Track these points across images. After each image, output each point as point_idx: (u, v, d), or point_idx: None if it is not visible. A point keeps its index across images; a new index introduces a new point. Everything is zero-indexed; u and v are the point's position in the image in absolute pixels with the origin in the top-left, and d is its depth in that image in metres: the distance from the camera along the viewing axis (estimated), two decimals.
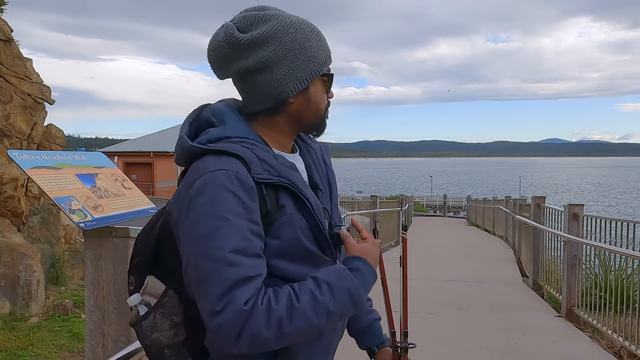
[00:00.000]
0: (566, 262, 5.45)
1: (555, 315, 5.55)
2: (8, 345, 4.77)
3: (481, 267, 8.60)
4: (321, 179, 1.27)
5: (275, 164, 1.11)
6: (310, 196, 1.14)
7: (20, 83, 6.78)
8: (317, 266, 1.13)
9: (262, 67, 1.11)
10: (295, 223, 1.11)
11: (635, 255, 4.33)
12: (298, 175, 1.15)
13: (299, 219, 1.11)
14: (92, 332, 1.74)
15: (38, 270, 5.94)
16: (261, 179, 1.07)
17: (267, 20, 1.13)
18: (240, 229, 1.01)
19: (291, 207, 1.11)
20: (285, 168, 1.12)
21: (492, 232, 15.07)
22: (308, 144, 1.31)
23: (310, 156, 1.28)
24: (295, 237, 1.10)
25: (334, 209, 1.27)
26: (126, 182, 2.02)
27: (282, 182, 1.09)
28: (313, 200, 1.14)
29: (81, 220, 1.61)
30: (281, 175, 1.10)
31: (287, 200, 1.11)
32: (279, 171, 1.10)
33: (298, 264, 1.12)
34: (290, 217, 1.10)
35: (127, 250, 1.72)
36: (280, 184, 1.09)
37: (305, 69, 1.14)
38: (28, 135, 6.86)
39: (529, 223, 7.30)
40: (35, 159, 1.70)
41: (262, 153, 1.11)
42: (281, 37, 1.12)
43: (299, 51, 1.13)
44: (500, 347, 4.40)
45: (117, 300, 1.73)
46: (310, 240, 1.13)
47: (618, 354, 4.27)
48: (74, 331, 5.21)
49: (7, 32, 6.72)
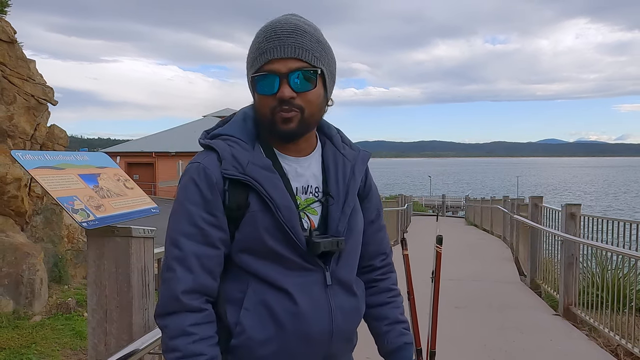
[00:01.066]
0: (563, 261, 5.45)
1: (552, 313, 5.55)
2: (12, 344, 4.77)
3: (479, 267, 8.60)
4: (338, 187, 1.23)
5: (244, 162, 1.13)
6: (277, 197, 1.13)
7: (23, 84, 6.78)
8: (288, 269, 1.15)
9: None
10: (258, 221, 1.13)
11: (632, 254, 4.32)
12: (269, 175, 1.14)
13: (263, 217, 1.13)
14: (95, 330, 1.74)
15: (41, 269, 5.94)
16: (227, 174, 1.13)
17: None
18: (192, 216, 1.12)
19: (257, 206, 1.14)
20: (256, 167, 1.14)
21: (490, 232, 15.06)
22: (340, 150, 1.28)
23: (334, 163, 1.25)
24: (256, 235, 1.13)
25: (341, 218, 1.21)
26: (128, 182, 2.02)
27: (244, 180, 1.12)
28: (280, 201, 1.13)
29: (84, 219, 1.61)
30: (246, 173, 1.13)
31: (254, 198, 1.14)
32: (245, 169, 1.13)
33: (261, 261, 1.15)
34: (253, 215, 1.13)
35: (129, 249, 1.72)
36: (247, 182, 1.12)
37: (248, 76, 1.19)
38: (31, 136, 6.86)
39: (527, 223, 7.30)
40: (38, 159, 1.70)
41: (239, 151, 1.15)
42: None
43: (247, 60, 1.19)
44: (499, 345, 4.40)
45: (120, 298, 1.72)
46: (276, 240, 1.14)
47: (615, 352, 4.26)
48: (77, 329, 5.21)
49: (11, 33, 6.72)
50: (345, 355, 1.32)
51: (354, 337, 1.31)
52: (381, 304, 1.37)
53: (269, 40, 1.12)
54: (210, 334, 1.12)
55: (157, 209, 2.01)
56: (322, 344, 1.19)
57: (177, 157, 29.18)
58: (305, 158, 1.23)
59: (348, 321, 1.23)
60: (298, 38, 1.12)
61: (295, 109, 1.12)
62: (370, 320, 1.38)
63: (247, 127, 1.20)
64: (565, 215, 5.48)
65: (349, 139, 1.32)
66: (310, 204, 1.21)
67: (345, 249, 1.21)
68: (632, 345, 4.02)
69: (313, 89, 1.14)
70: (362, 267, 1.35)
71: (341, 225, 1.21)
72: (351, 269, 1.26)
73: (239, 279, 1.16)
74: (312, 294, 1.17)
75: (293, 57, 1.11)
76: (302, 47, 1.12)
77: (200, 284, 1.12)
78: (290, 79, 1.11)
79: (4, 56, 6.62)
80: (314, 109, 1.16)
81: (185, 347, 1.08)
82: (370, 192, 1.35)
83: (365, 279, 1.36)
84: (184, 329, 1.09)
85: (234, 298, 1.16)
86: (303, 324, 1.15)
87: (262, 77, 1.13)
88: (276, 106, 1.12)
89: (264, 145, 1.21)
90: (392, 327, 1.34)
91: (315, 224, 1.21)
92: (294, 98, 1.11)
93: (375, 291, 1.37)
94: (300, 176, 1.21)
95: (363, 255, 1.34)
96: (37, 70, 7.17)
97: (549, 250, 6.59)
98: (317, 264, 1.18)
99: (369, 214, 1.34)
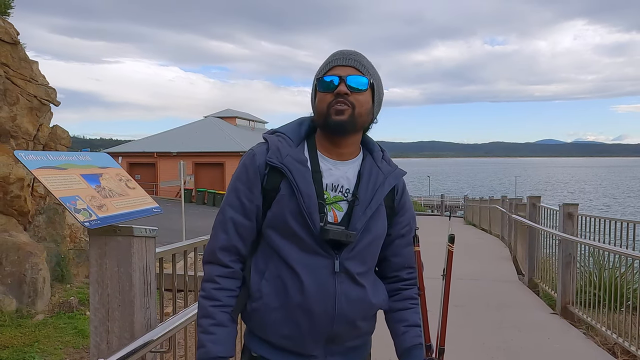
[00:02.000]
0: (561, 260, 5.45)
1: (550, 312, 5.56)
2: (15, 342, 4.77)
3: (478, 266, 8.60)
4: (366, 192, 1.39)
5: (285, 154, 1.37)
6: (302, 185, 1.34)
7: (26, 85, 6.78)
8: (303, 250, 1.34)
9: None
10: (285, 203, 1.35)
11: (629, 253, 4.33)
12: (300, 168, 1.36)
13: (289, 201, 1.35)
14: (97, 329, 1.74)
15: (44, 269, 5.94)
16: (268, 161, 1.37)
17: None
18: (237, 191, 1.40)
19: (286, 190, 1.36)
20: (292, 160, 1.36)
21: (489, 231, 15.05)
22: (377, 164, 1.46)
23: (369, 172, 1.43)
24: (280, 214, 1.35)
25: (360, 218, 1.37)
26: (130, 182, 2.01)
27: (280, 167, 1.35)
28: (305, 190, 1.34)
29: (86, 219, 1.61)
30: (283, 162, 1.36)
31: (285, 184, 1.36)
32: (283, 159, 1.36)
33: (282, 238, 1.36)
34: (282, 197, 1.36)
35: (131, 248, 1.72)
36: (282, 170, 1.35)
37: (313, 85, 1.44)
38: (34, 136, 6.86)
39: (525, 222, 7.30)
40: (41, 160, 1.70)
41: (284, 145, 1.39)
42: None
43: (316, 75, 1.45)
44: (497, 343, 4.40)
45: (121, 297, 1.72)
46: (296, 222, 1.34)
47: (612, 350, 4.27)
48: (79, 328, 5.21)
49: (14, 35, 6.72)
50: (354, 341, 1.43)
51: (363, 325, 1.42)
52: (402, 309, 1.50)
53: (335, 56, 1.42)
54: (230, 287, 1.38)
55: (159, 209, 2.01)
56: (325, 323, 1.34)
57: (179, 157, 29.18)
58: (343, 162, 1.43)
59: (352, 308, 1.37)
60: (358, 57, 1.42)
61: (348, 104, 1.35)
62: (391, 323, 1.51)
63: (299, 130, 1.45)
64: (563, 214, 5.48)
65: (389, 158, 1.52)
66: (338, 201, 1.39)
67: (358, 245, 1.36)
68: (629, 344, 4.02)
69: (364, 91, 1.38)
70: (389, 276, 1.52)
71: (359, 223, 1.36)
72: (362, 263, 1.40)
73: (265, 253, 1.40)
74: (319, 276, 1.34)
75: (351, 66, 1.38)
76: (360, 62, 1.40)
77: (232, 244, 1.39)
78: (347, 80, 1.36)
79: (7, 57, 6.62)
80: (362, 110, 1.38)
81: (205, 301, 1.37)
82: (404, 208, 1.51)
83: (390, 287, 1.51)
84: (212, 277, 1.38)
85: (258, 268, 1.39)
86: (307, 300, 1.33)
87: (326, 79, 1.38)
88: (332, 100, 1.36)
89: (310, 145, 1.44)
90: (409, 329, 1.46)
91: (339, 219, 1.38)
92: (348, 94, 1.35)
93: (398, 298, 1.51)
94: (333, 175, 1.40)
95: (391, 265, 1.51)
96: (39, 71, 7.16)
97: (546, 249, 6.58)
98: (328, 250, 1.34)
99: (400, 228, 1.50)
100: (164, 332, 1.82)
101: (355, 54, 1.42)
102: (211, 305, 1.36)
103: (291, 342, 1.37)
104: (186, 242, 2.43)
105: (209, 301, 1.36)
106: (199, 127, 37.20)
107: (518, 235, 8.83)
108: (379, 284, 1.48)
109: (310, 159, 1.40)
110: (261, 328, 1.39)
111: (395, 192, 1.48)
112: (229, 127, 37.69)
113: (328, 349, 1.39)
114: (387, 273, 1.52)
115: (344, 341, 1.40)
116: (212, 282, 1.37)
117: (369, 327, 1.47)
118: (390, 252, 1.49)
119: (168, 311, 3.35)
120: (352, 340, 1.43)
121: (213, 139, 33.64)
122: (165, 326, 1.86)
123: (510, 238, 10.28)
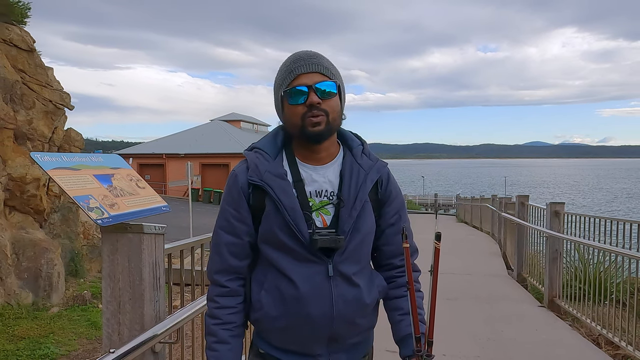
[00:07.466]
0: (548, 256, 5.46)
1: (538, 305, 5.56)
2: (31, 333, 4.78)
3: (469, 261, 8.60)
4: (349, 192, 1.34)
5: (263, 170, 1.33)
6: (285, 200, 1.30)
7: (42, 90, 6.78)
8: (296, 259, 1.31)
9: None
10: (272, 219, 1.31)
11: (612, 249, 4.32)
12: (280, 182, 1.32)
13: (275, 216, 1.31)
14: (109, 321, 1.74)
15: (59, 264, 5.95)
16: (250, 180, 1.33)
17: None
18: (225, 212, 1.37)
19: (270, 206, 1.32)
20: (271, 176, 1.32)
21: (480, 229, 15.05)
22: (357, 160, 1.40)
23: (350, 171, 1.37)
24: (270, 229, 1.32)
25: (347, 220, 1.33)
26: (140, 182, 2.02)
27: (261, 185, 1.31)
28: (288, 204, 1.30)
29: (98, 217, 1.61)
30: (263, 179, 1.32)
31: (269, 200, 1.32)
32: (262, 176, 1.32)
33: (277, 252, 1.33)
34: (268, 213, 1.32)
35: (141, 245, 1.72)
36: (263, 187, 1.31)
37: (276, 96, 1.38)
38: (49, 139, 6.86)
39: (514, 220, 7.30)
40: (56, 161, 1.70)
41: (261, 161, 1.34)
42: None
43: (276, 82, 1.38)
44: (487, 335, 4.41)
45: (132, 291, 1.73)
46: (285, 235, 1.30)
47: (596, 341, 4.27)
48: (92, 320, 5.22)
49: (30, 42, 6.73)
50: (354, 338, 1.41)
51: (363, 322, 1.40)
52: (397, 297, 1.47)
53: (296, 62, 1.32)
54: (228, 305, 1.36)
55: (168, 207, 2.01)
56: (325, 325, 1.32)
57: (186, 159, 29.17)
58: (322, 167, 1.38)
59: (349, 308, 1.34)
60: (318, 59, 1.33)
61: (322, 113, 1.29)
62: (388, 310, 1.50)
63: (274, 142, 1.39)
64: (550, 212, 5.48)
65: (369, 151, 1.45)
66: (325, 205, 1.35)
67: (349, 246, 1.33)
68: (612, 335, 4.03)
69: (334, 97, 1.32)
70: (383, 264, 1.49)
71: (347, 226, 1.32)
72: (356, 263, 1.37)
73: (263, 265, 1.38)
74: (315, 282, 1.31)
75: (316, 72, 1.31)
76: (322, 65, 1.32)
77: (227, 265, 1.37)
78: (316, 89, 1.29)
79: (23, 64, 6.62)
80: (335, 114, 1.32)
81: (208, 319, 1.38)
82: (390, 197, 1.45)
83: (385, 275, 1.48)
84: (212, 297, 1.39)
85: (258, 280, 1.38)
86: (305, 307, 1.30)
87: (293, 91, 1.30)
88: (306, 112, 1.29)
89: (288, 155, 1.38)
90: (404, 317, 1.43)
91: (328, 222, 1.34)
92: (320, 103, 1.29)
93: (393, 285, 1.48)
94: (315, 182, 1.35)
95: (384, 254, 1.47)
96: (54, 77, 7.17)
97: (534, 245, 6.57)
98: (320, 257, 1.31)
99: (389, 217, 1.44)
100: (172, 324, 1.82)
101: (316, 57, 1.34)
102: (213, 323, 1.36)
103: (295, 345, 1.36)
104: (193, 239, 2.43)
105: (212, 319, 1.37)
106: (206, 130, 37.19)
107: (507, 232, 8.82)
108: (374, 279, 1.44)
109: (290, 169, 1.35)
110: (265, 335, 1.39)
111: (380, 184, 1.43)
112: (234, 130, 37.68)
113: (331, 347, 1.38)
114: (381, 261, 1.49)
115: (345, 339, 1.39)
116: (212, 301, 1.38)
117: (369, 323, 1.45)
118: (381, 241, 1.45)
119: (176, 304, 3.35)
120: (353, 337, 1.41)
121: (219, 141, 33.65)
122: (173, 318, 1.86)
123: (500, 235, 10.27)
